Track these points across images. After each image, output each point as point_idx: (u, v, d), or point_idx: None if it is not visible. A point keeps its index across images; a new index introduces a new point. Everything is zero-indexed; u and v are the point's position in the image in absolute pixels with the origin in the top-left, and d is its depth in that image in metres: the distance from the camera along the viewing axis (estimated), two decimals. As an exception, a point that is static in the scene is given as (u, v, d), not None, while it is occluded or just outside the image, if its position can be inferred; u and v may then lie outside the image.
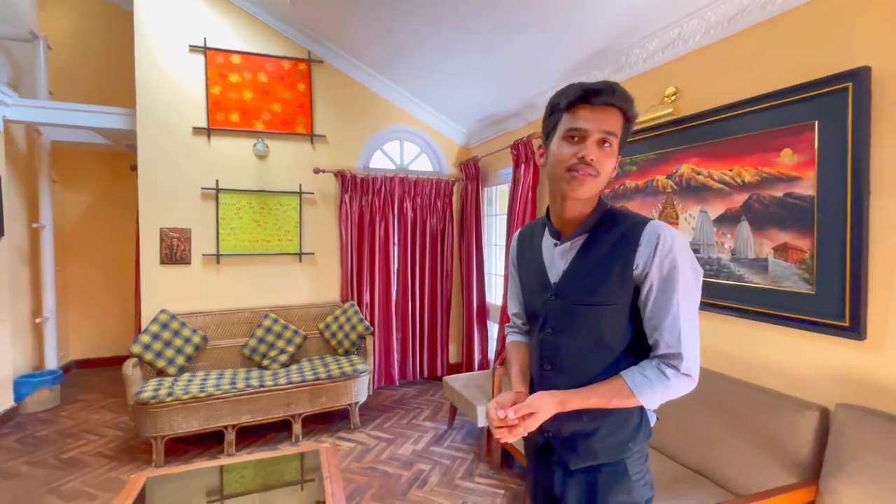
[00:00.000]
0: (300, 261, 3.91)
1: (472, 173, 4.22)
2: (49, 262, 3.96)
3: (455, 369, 4.46)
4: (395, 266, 4.22)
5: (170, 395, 2.84)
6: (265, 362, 3.47)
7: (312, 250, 3.94)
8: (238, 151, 3.67)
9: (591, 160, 0.87)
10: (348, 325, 3.75)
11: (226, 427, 2.97)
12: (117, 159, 4.67)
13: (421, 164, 4.51)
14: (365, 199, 4.02)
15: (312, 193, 3.91)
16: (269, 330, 3.55)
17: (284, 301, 3.84)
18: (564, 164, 0.89)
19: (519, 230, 1.19)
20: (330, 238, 4.01)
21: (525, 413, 0.87)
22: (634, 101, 0.91)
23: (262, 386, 3.07)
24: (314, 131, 3.89)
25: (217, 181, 3.60)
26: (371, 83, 4.08)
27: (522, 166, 3.35)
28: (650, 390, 0.88)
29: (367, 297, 4.05)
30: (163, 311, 3.32)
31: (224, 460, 2.00)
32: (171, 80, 3.46)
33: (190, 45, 3.49)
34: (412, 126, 4.32)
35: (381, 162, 4.32)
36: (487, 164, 4.20)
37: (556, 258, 1.00)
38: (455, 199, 4.46)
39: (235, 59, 3.61)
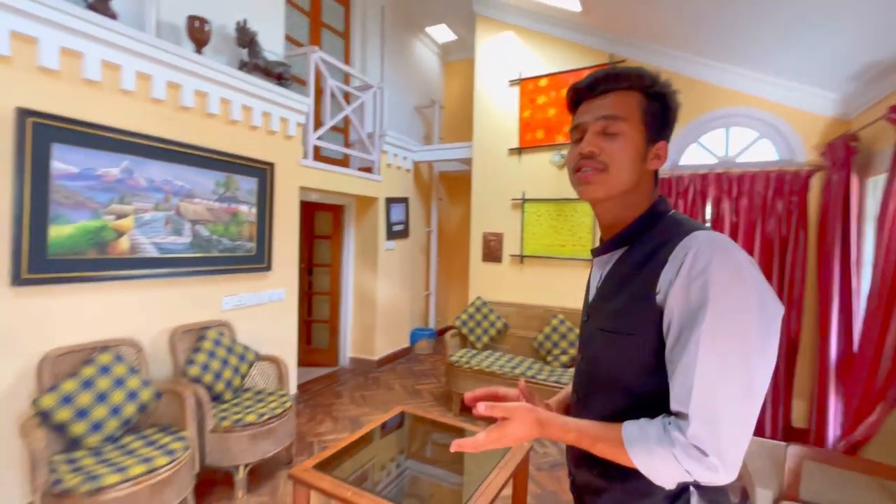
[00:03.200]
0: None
1: (841, 157, 2.87)
2: (434, 254, 5.78)
3: (800, 436, 3.21)
4: (705, 282, 3.48)
5: (467, 363, 3.62)
6: (548, 358, 3.75)
7: (604, 257, 3.86)
8: (540, 165, 4.10)
9: (590, 151, 0.73)
10: (632, 340, 3.45)
11: (500, 403, 3.47)
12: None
13: (757, 154, 3.47)
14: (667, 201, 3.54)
15: (608, 199, 3.82)
16: (555, 329, 3.80)
17: (573, 304, 3.97)
18: (571, 166, 0.79)
19: None
20: (624, 245, 3.79)
21: (499, 413, 0.71)
22: (656, 76, 0.74)
23: (532, 378, 3.38)
24: (612, 135, 3.78)
25: (523, 192, 4.16)
26: (684, 68, 3.53)
27: (911, 140, 2.04)
28: (646, 451, 0.64)
29: (661, 314, 3.56)
30: (478, 297, 4.20)
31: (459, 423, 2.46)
32: (495, 112, 4.30)
33: (509, 80, 4.20)
34: (745, 107, 3.40)
35: (697, 157, 3.65)
36: (871, 142, 2.75)
37: (595, 273, 0.87)
38: (814, 195, 3.18)
39: (542, 82, 4.04)
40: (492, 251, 4.37)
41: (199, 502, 2.28)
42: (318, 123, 4.00)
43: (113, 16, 2.34)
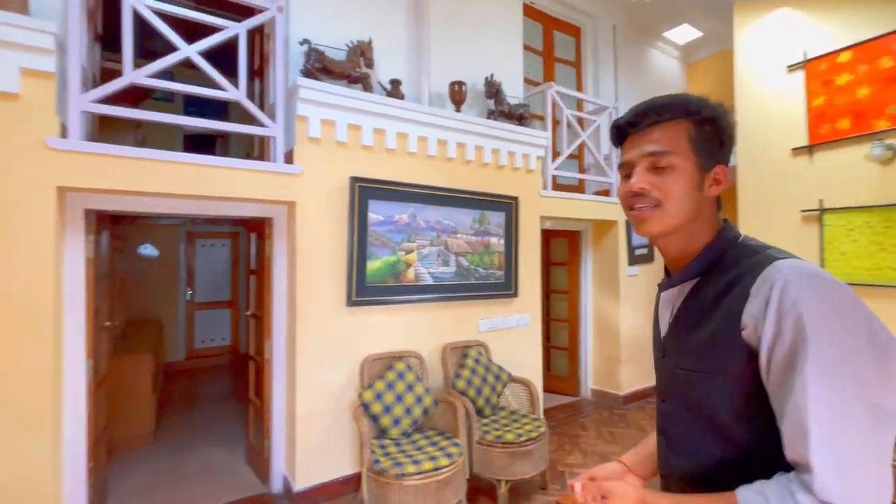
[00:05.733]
0: (958, 298, 2.68)
1: None
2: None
3: None
4: None
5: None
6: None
7: None
8: (848, 162, 3.11)
9: (640, 189, 0.72)
10: None
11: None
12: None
13: None
14: None
15: None
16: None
17: None
18: (624, 204, 0.77)
19: None
20: None
21: (595, 495, 0.71)
22: (703, 99, 0.71)
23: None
24: None
25: (820, 201, 3.23)
26: None
27: None
28: None
29: None
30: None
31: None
32: (767, 107, 3.53)
33: (788, 66, 3.40)
34: None
35: None
36: None
37: (664, 306, 0.81)
38: None
39: (843, 57, 3.10)
40: (772, 276, 3.51)
41: (467, 506, 2.53)
42: (555, 154, 4.12)
43: (402, 97, 3.01)
